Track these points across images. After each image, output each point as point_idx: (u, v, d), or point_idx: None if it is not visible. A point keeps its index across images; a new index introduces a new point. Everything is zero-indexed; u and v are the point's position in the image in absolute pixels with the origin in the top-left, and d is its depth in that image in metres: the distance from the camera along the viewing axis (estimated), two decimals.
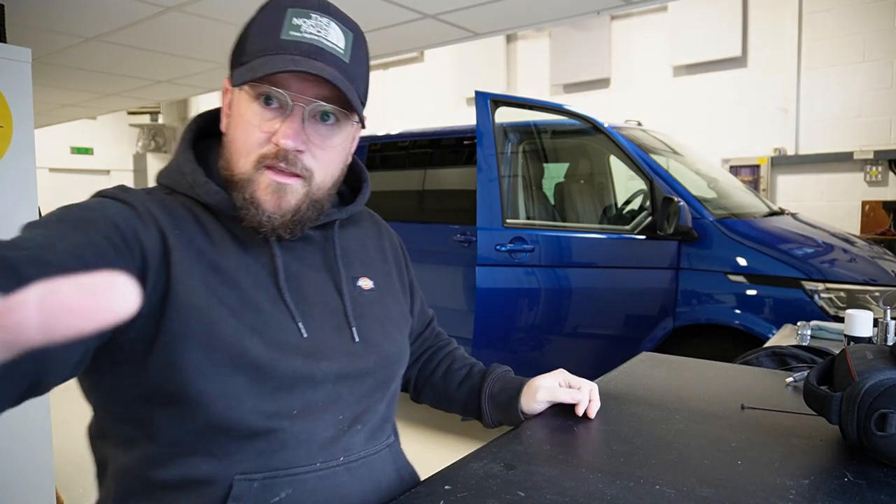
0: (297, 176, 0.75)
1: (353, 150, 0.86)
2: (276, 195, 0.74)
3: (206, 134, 0.84)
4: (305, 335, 0.75)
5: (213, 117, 0.84)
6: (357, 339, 0.80)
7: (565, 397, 0.95)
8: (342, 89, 0.72)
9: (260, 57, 0.72)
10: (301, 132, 0.73)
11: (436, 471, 0.76)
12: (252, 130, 0.74)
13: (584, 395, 0.95)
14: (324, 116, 0.75)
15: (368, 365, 0.80)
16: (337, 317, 0.80)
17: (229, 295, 0.71)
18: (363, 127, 0.81)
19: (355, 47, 0.78)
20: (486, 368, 1.03)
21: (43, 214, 0.68)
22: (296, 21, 0.73)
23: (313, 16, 0.75)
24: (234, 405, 0.69)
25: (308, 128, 0.74)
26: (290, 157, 0.73)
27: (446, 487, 0.71)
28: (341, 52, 0.75)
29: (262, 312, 0.73)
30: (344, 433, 0.77)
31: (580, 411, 0.94)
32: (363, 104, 0.80)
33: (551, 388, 0.96)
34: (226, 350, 0.68)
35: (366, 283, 0.86)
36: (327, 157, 0.77)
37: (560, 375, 0.98)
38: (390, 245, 0.97)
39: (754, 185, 5.09)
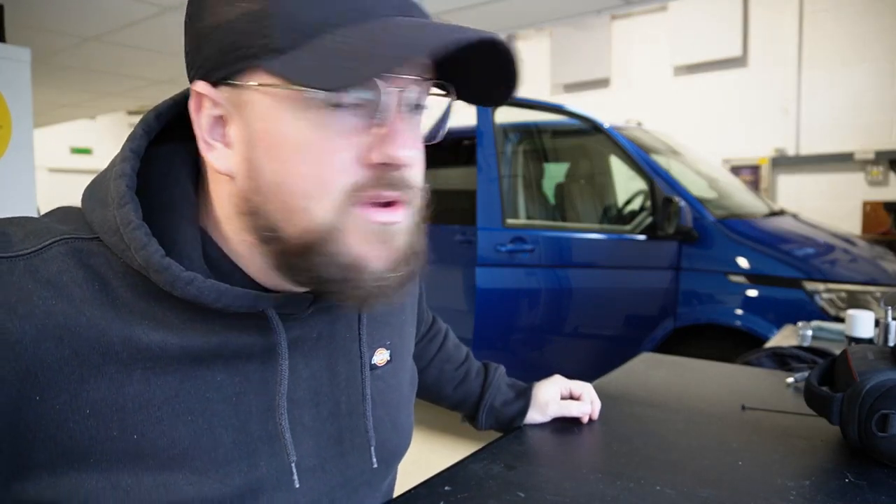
0: (399, 203, 0.49)
1: None
2: (382, 242, 0.48)
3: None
4: (297, 485, 0.53)
5: (172, 114, 0.54)
6: (376, 465, 0.60)
7: (575, 412, 0.94)
8: (514, 60, 0.48)
9: (333, 29, 0.44)
10: (414, 133, 0.50)
11: (436, 471, 0.76)
12: (327, 155, 0.46)
13: (588, 404, 0.95)
14: (417, 107, 0.51)
15: (365, 470, 0.62)
16: (331, 421, 0.58)
17: (156, 416, 0.48)
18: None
19: None
20: (483, 374, 0.97)
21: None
22: None
23: None
24: None
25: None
26: (401, 177, 0.48)
27: (446, 488, 0.71)
28: None
29: (219, 444, 0.51)
30: None
31: (586, 420, 0.94)
32: None
33: (560, 403, 0.95)
34: None
35: (381, 357, 0.65)
36: (422, 161, 0.53)
37: (560, 383, 0.97)
38: None
39: (755, 185, 5.09)
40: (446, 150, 3.72)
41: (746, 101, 5.27)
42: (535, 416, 0.94)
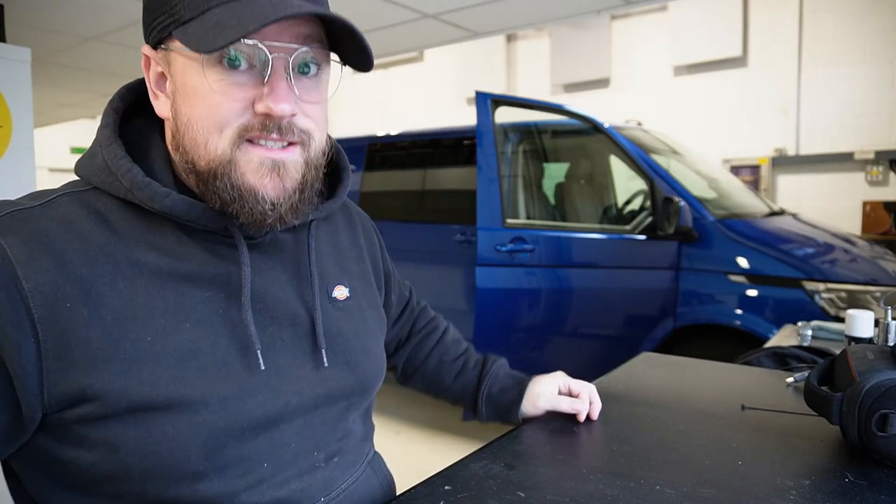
0: (294, 144, 0.62)
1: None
2: (276, 175, 0.61)
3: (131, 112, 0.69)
4: (263, 367, 0.63)
5: (140, 91, 0.69)
6: (326, 364, 0.70)
7: (566, 407, 0.94)
8: (335, 19, 0.59)
9: (216, 6, 0.58)
10: (291, 91, 0.60)
11: (436, 471, 0.76)
12: (221, 101, 0.59)
13: (584, 403, 0.94)
14: (303, 68, 0.62)
15: (345, 388, 0.71)
16: (307, 339, 0.69)
17: (162, 323, 0.59)
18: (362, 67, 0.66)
19: None
20: (482, 364, 1.00)
21: None
22: None
23: None
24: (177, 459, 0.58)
25: (294, 84, 0.61)
26: (285, 125, 0.61)
27: (446, 488, 0.71)
28: None
29: (216, 346, 0.61)
30: (321, 469, 0.69)
31: (582, 418, 0.93)
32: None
33: (552, 396, 0.95)
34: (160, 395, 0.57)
35: (341, 293, 0.76)
36: (320, 113, 0.65)
37: (560, 379, 0.97)
38: (365, 236, 0.87)
39: (755, 185, 5.09)
40: (446, 150, 3.73)
41: (746, 101, 5.26)
42: (526, 407, 0.94)
